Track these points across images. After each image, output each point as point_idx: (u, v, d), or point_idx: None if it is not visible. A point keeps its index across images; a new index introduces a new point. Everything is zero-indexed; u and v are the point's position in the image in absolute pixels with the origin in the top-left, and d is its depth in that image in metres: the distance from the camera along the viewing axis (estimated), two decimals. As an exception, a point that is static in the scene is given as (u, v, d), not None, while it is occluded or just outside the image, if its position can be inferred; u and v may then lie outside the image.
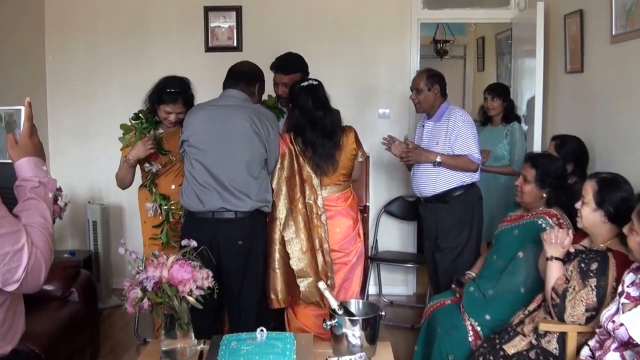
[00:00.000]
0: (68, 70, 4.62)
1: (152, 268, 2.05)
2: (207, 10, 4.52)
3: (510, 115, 4.10)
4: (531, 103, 3.96)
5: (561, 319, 2.29)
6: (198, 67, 4.32)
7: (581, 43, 3.42)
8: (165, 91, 3.01)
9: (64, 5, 4.59)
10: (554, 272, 2.37)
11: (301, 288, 2.94)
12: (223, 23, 4.54)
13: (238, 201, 2.73)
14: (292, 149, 2.99)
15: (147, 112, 3.09)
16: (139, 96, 3.12)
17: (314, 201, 2.99)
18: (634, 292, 2.02)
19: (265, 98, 3.30)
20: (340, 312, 2.26)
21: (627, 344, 1.95)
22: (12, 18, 4.21)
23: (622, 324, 1.93)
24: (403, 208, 4.56)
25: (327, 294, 2.31)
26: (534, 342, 2.36)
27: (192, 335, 2.20)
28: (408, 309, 4.48)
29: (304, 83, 3.04)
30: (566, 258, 2.42)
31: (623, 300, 2.03)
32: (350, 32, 4.51)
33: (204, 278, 2.11)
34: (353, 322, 2.20)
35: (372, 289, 4.65)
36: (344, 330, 2.20)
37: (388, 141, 3.41)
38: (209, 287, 2.12)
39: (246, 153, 2.75)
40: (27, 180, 1.57)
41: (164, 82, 3.05)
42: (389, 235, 4.66)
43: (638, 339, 1.89)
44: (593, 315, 2.23)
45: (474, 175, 3.37)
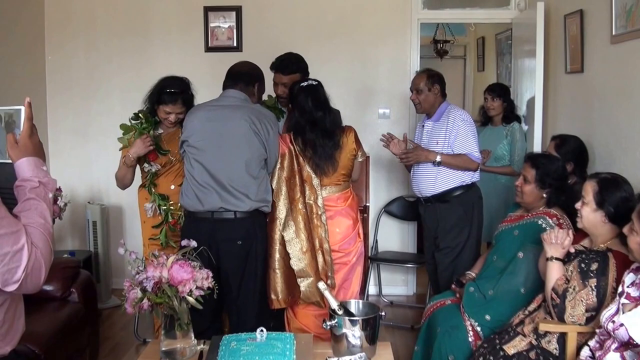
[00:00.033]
0: (68, 70, 4.62)
1: (152, 268, 2.05)
2: (207, 10, 4.52)
3: (510, 115, 4.10)
4: (531, 103, 3.96)
5: (561, 319, 2.29)
6: (198, 67, 4.33)
7: (581, 43, 3.41)
8: (165, 91, 3.01)
9: (64, 5, 4.58)
10: (554, 273, 2.38)
11: (301, 288, 2.94)
12: (223, 23, 4.54)
13: (237, 201, 2.73)
14: (292, 149, 2.99)
15: (147, 112, 3.09)
16: (139, 96, 3.12)
17: (314, 201, 2.99)
18: (634, 293, 2.02)
19: (265, 98, 3.30)
20: (340, 313, 2.26)
21: (627, 345, 1.95)
22: (12, 17, 4.21)
23: (622, 324, 1.93)
24: (403, 208, 4.56)
25: (327, 294, 2.31)
26: (534, 343, 2.36)
27: (192, 335, 2.20)
28: (408, 309, 4.48)
29: (304, 83, 3.04)
30: (566, 258, 2.42)
31: (623, 300, 2.03)
32: (350, 32, 4.51)
33: (204, 278, 2.11)
34: (353, 323, 2.20)
35: (372, 289, 4.65)
36: (344, 330, 2.20)
37: (387, 139, 3.41)
38: (209, 288, 2.12)
39: (245, 153, 2.74)
40: (27, 180, 1.56)
41: (164, 82, 3.05)
42: (389, 235, 4.66)
43: (638, 340, 1.88)
44: (593, 315, 2.23)
45: (474, 174, 3.37)
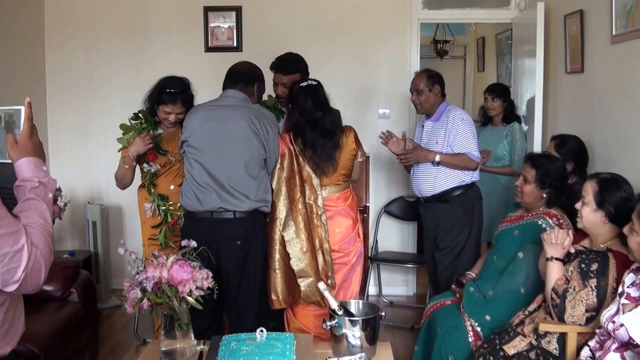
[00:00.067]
0: (68, 70, 4.62)
1: (152, 268, 2.05)
2: (207, 10, 4.52)
3: (510, 115, 4.10)
4: (531, 103, 3.96)
5: (561, 320, 2.29)
6: (198, 67, 4.32)
7: (581, 43, 3.41)
8: (164, 91, 3.01)
9: (64, 5, 4.58)
10: (554, 273, 2.37)
11: (302, 287, 2.93)
12: (223, 23, 4.53)
13: (237, 201, 2.73)
14: (292, 149, 2.99)
15: (147, 112, 3.09)
16: (139, 96, 3.12)
17: (314, 201, 2.98)
18: (634, 293, 2.02)
19: (265, 98, 3.29)
20: (340, 313, 2.26)
21: (628, 345, 1.95)
22: (12, 17, 4.21)
23: (622, 325, 1.93)
24: (403, 208, 4.56)
25: (327, 295, 2.30)
26: (534, 343, 2.36)
27: (192, 335, 2.20)
28: (408, 310, 4.48)
29: (303, 83, 3.04)
30: (566, 258, 2.42)
31: (623, 300, 2.03)
32: (350, 32, 4.51)
33: (204, 278, 2.11)
34: (353, 323, 2.20)
35: (372, 290, 4.65)
36: (344, 330, 2.20)
37: (385, 136, 3.39)
38: (209, 288, 2.12)
39: (244, 153, 2.74)
40: (27, 180, 1.56)
41: (164, 83, 3.05)
42: (389, 235, 4.66)
43: (638, 340, 1.88)
44: (593, 315, 2.23)
45: (474, 174, 3.37)
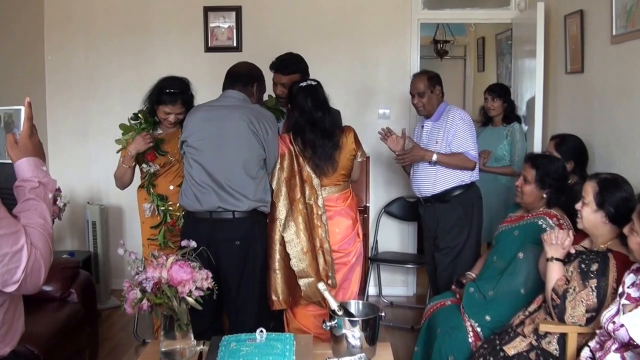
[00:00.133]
0: (67, 70, 4.62)
1: (152, 269, 2.04)
2: (207, 10, 4.51)
3: (510, 115, 4.09)
4: (531, 103, 3.96)
5: (561, 320, 2.29)
6: (198, 68, 4.32)
7: (581, 43, 3.41)
8: (164, 92, 3.01)
9: (64, 4, 4.58)
10: (555, 273, 2.37)
11: (302, 287, 2.93)
12: (223, 23, 4.53)
13: (236, 201, 2.72)
14: (292, 150, 2.99)
15: (146, 113, 3.09)
16: (139, 96, 3.12)
17: (314, 201, 2.98)
18: (635, 293, 2.01)
19: (265, 99, 3.29)
20: (340, 313, 2.26)
21: (628, 345, 1.94)
22: (11, 17, 4.21)
23: (623, 325, 1.93)
24: (403, 209, 4.55)
25: (327, 295, 2.30)
26: (534, 343, 2.36)
27: (192, 336, 2.20)
28: (408, 310, 4.47)
29: (303, 83, 3.03)
30: (566, 259, 2.42)
31: (623, 301, 2.02)
32: (350, 33, 4.50)
33: (204, 279, 2.10)
34: (353, 323, 2.20)
35: (372, 290, 4.65)
36: (344, 331, 2.20)
37: (384, 133, 3.38)
38: (209, 288, 2.12)
39: (243, 153, 2.74)
40: (27, 180, 1.56)
41: (163, 83, 3.05)
42: (389, 236, 4.65)
43: (638, 340, 1.88)
44: (593, 316, 2.22)
45: (473, 174, 3.37)
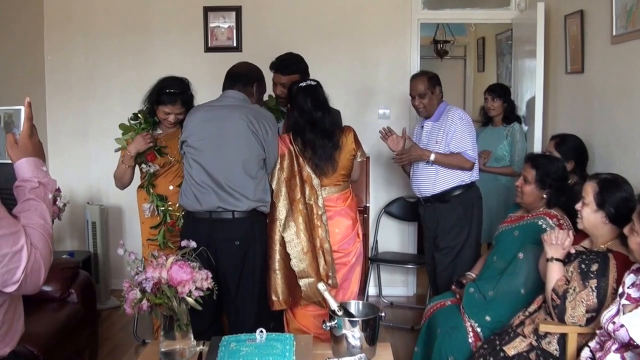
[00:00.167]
0: (67, 70, 4.61)
1: (151, 269, 2.04)
2: (207, 10, 4.51)
3: (510, 115, 4.09)
4: (531, 103, 3.95)
5: (561, 320, 2.29)
6: (197, 68, 4.32)
7: (582, 43, 3.41)
8: (164, 92, 3.00)
9: (63, 4, 4.58)
10: (555, 273, 2.37)
11: (303, 288, 2.93)
12: (223, 23, 4.53)
13: (235, 201, 2.72)
14: (292, 150, 2.98)
15: (146, 113, 3.09)
16: (139, 96, 3.12)
17: (315, 202, 2.98)
18: (635, 294, 2.01)
19: (266, 99, 3.29)
20: (340, 313, 2.26)
21: (628, 345, 1.94)
22: (11, 17, 4.20)
23: (623, 325, 1.93)
24: (403, 209, 4.55)
25: (327, 295, 2.30)
26: (535, 344, 2.36)
27: (191, 336, 2.20)
28: (408, 310, 4.47)
29: (303, 83, 3.03)
30: (566, 259, 2.42)
31: (623, 301, 2.02)
32: (350, 33, 4.50)
33: (203, 279, 2.10)
34: (353, 323, 2.20)
35: (372, 290, 4.65)
36: (344, 331, 2.19)
37: (385, 132, 3.37)
38: (208, 288, 2.12)
39: (243, 153, 2.74)
40: (27, 180, 1.56)
41: (163, 83, 3.05)
42: (389, 236, 4.65)
43: (638, 341, 1.88)
44: (593, 316, 2.22)
45: (474, 174, 3.37)
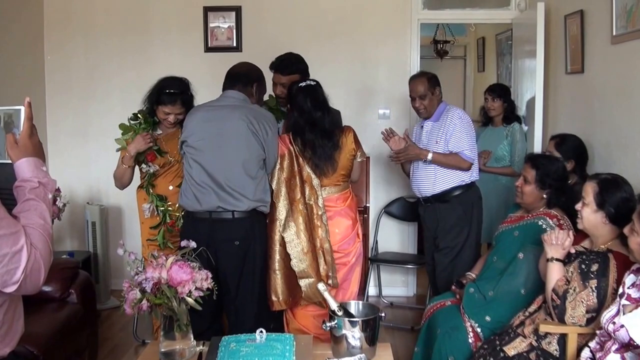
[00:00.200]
0: (67, 70, 4.61)
1: (151, 269, 2.04)
2: (207, 10, 4.51)
3: (510, 116, 4.09)
4: (531, 103, 3.95)
5: (562, 321, 2.29)
6: (197, 68, 4.32)
7: (582, 43, 3.41)
8: (164, 92, 3.00)
9: (63, 4, 4.57)
10: (555, 274, 2.37)
11: (303, 288, 2.92)
12: (222, 23, 4.53)
13: (235, 201, 2.72)
14: (292, 150, 2.98)
15: (146, 113, 3.08)
16: (138, 96, 3.12)
17: (315, 202, 2.98)
18: (635, 294, 2.01)
19: (266, 99, 3.28)
20: (339, 314, 2.25)
21: (628, 346, 1.94)
22: (11, 17, 4.20)
23: (623, 326, 1.93)
24: (403, 209, 4.55)
25: (327, 295, 2.30)
26: (535, 344, 2.35)
27: (191, 336, 2.20)
28: (408, 310, 4.47)
29: (302, 83, 3.03)
30: (567, 259, 2.42)
31: (624, 301, 2.02)
32: (350, 33, 4.50)
33: (203, 279, 2.10)
34: (353, 324, 2.20)
35: (372, 290, 4.64)
36: (344, 331, 2.19)
37: (387, 133, 3.36)
38: (208, 289, 2.11)
39: (242, 153, 2.74)
40: (27, 180, 1.56)
41: (163, 83, 3.05)
42: (389, 236, 4.65)
43: (639, 341, 1.88)
44: (594, 316, 2.22)
45: (473, 174, 3.37)
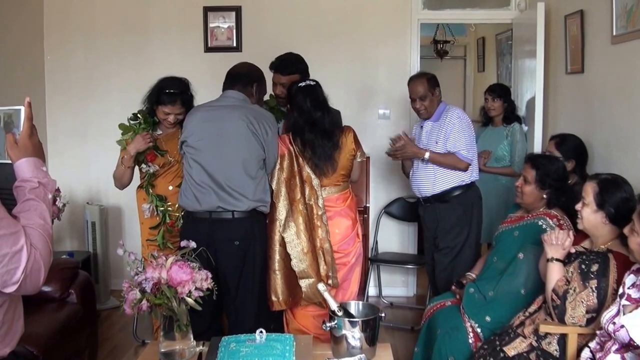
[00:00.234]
0: (67, 70, 4.61)
1: (151, 269, 2.04)
2: (207, 10, 4.51)
3: (510, 116, 4.08)
4: (531, 104, 3.95)
5: (562, 321, 2.29)
6: (197, 68, 4.32)
7: (582, 43, 3.41)
8: (164, 92, 3.00)
9: (63, 4, 4.57)
10: (555, 274, 2.37)
11: (303, 288, 2.92)
12: (222, 23, 4.53)
13: (235, 201, 2.72)
14: (292, 150, 2.98)
15: (146, 113, 3.08)
16: (138, 96, 3.11)
17: (315, 202, 2.97)
18: (635, 294, 2.01)
19: (266, 99, 3.28)
20: (339, 314, 2.25)
21: (628, 346, 1.94)
22: (11, 17, 4.20)
23: (623, 326, 1.93)
24: (403, 209, 4.55)
25: (327, 296, 2.30)
26: (535, 344, 2.35)
27: (191, 336, 2.20)
28: (408, 311, 4.47)
29: (302, 83, 3.02)
30: (567, 259, 2.42)
31: (624, 302, 2.02)
32: (350, 33, 4.50)
33: (203, 279, 2.10)
34: (353, 324, 2.19)
35: (372, 291, 4.64)
36: (344, 331, 2.19)
37: (395, 141, 3.34)
38: (208, 289, 2.11)
39: (242, 153, 2.74)
40: (27, 181, 1.56)
41: (163, 83, 3.04)
42: (389, 236, 4.65)
43: (639, 341, 1.88)
44: (594, 316, 2.22)
45: (473, 174, 3.36)
